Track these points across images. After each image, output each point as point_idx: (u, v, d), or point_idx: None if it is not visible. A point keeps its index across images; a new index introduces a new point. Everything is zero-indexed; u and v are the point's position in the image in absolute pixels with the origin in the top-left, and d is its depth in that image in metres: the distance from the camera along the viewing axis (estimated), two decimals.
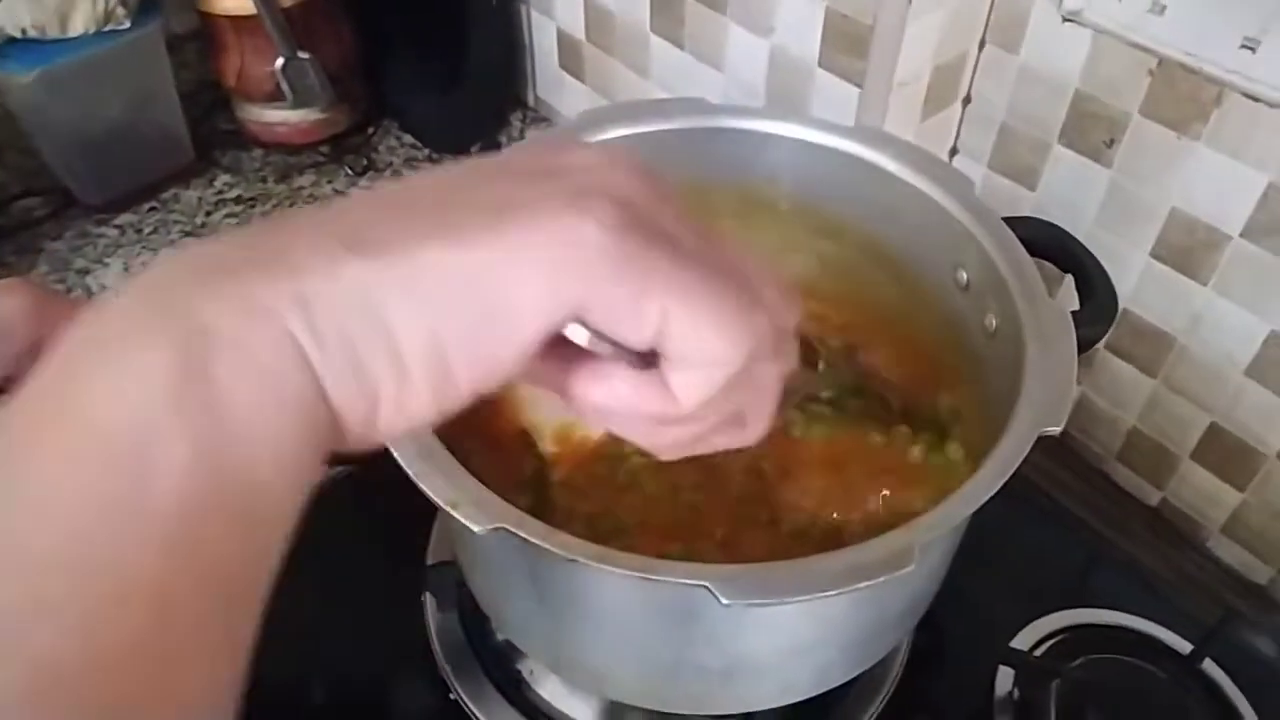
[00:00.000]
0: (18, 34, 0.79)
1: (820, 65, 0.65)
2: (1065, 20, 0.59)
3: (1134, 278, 0.64)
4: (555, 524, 0.36)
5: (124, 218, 0.93)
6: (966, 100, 0.68)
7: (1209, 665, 0.54)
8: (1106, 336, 0.67)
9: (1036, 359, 0.42)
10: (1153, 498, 0.72)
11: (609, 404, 0.26)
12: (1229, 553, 0.69)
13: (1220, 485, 0.67)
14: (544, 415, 0.50)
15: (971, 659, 0.56)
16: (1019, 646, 0.55)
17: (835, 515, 0.47)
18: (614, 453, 0.49)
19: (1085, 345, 0.48)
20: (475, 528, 0.35)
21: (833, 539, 0.46)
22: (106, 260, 0.89)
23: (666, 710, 0.47)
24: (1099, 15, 0.57)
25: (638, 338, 0.24)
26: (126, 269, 0.88)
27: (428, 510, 0.58)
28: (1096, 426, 0.73)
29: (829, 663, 0.45)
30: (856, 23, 0.61)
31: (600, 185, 0.24)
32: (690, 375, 0.26)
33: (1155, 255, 0.62)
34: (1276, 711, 0.54)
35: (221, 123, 1.00)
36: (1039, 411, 0.39)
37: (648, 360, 0.26)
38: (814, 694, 0.46)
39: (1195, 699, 0.53)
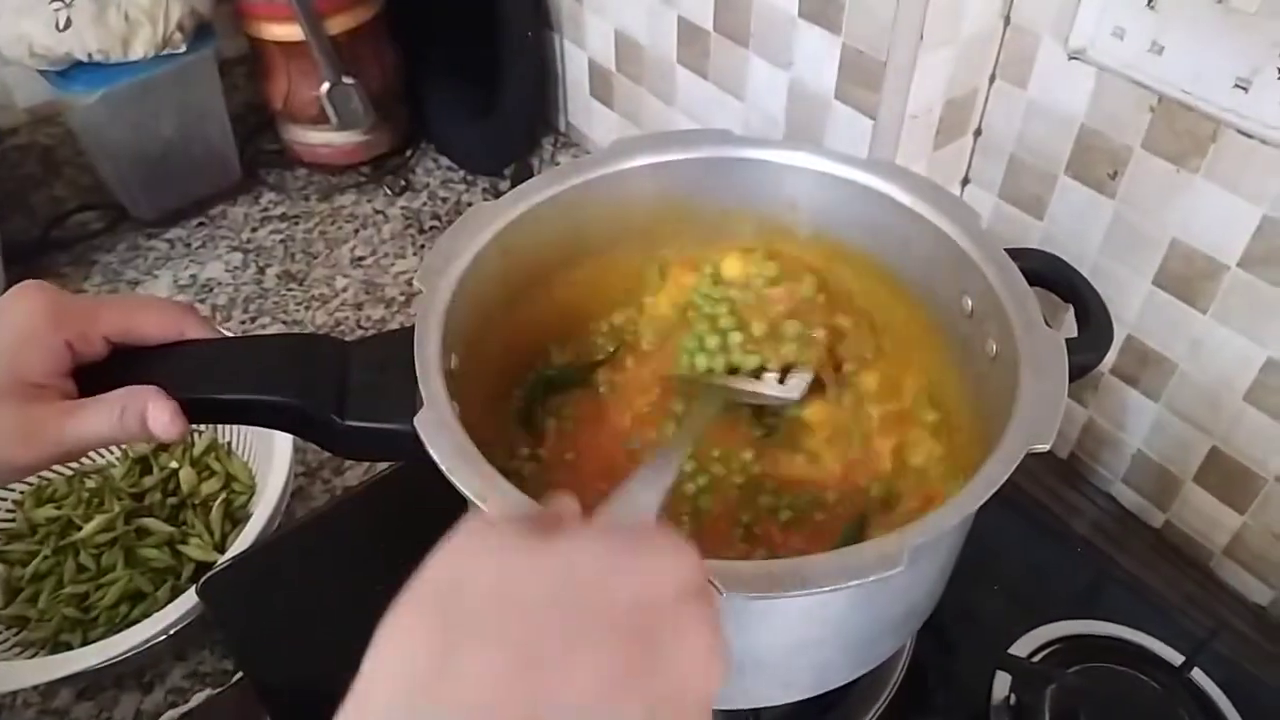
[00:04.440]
0: (84, 58, 0.84)
1: (836, 97, 0.68)
2: (1071, 58, 0.61)
3: (1137, 305, 0.66)
4: None
5: (174, 232, 0.97)
6: (978, 132, 0.71)
7: (1199, 675, 0.55)
8: (1111, 362, 0.70)
9: (1030, 382, 0.44)
10: (1157, 520, 0.73)
11: None
12: (1231, 574, 0.70)
13: (1221, 508, 0.68)
14: None
15: (971, 665, 0.58)
16: (1017, 654, 0.57)
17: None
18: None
19: (1083, 371, 0.51)
20: None
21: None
22: (156, 272, 0.93)
23: None
24: (1102, 54, 0.60)
25: None
26: (175, 281, 0.92)
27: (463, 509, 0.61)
28: (1102, 449, 0.75)
29: (830, 662, 0.47)
30: (870, 58, 0.64)
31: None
32: None
33: (1157, 283, 0.64)
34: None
35: (267, 143, 1.05)
36: (1029, 430, 0.42)
37: None
38: (816, 693, 0.48)
39: (1185, 707, 0.54)
